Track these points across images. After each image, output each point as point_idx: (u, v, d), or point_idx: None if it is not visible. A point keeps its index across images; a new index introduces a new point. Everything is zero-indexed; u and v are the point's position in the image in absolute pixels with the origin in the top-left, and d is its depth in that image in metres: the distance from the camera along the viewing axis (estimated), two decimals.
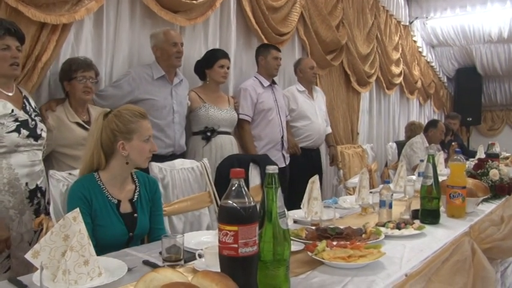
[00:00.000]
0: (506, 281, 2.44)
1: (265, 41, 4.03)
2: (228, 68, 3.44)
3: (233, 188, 1.07)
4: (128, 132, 1.87)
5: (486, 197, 2.48)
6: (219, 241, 1.08)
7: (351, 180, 4.22)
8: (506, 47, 8.13)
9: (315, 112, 4.27)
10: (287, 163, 3.95)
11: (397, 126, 7.26)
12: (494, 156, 3.40)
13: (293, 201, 2.38)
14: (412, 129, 5.98)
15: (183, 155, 3.15)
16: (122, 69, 3.06)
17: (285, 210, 1.17)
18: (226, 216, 1.06)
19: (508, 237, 2.14)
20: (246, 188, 1.07)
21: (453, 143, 6.20)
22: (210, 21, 3.64)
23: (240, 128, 3.66)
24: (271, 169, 1.12)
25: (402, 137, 6.89)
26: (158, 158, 2.68)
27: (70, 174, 2.04)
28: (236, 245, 1.05)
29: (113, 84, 2.96)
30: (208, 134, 3.30)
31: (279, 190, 1.12)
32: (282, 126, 3.86)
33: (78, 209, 1.37)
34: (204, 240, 1.76)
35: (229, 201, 1.06)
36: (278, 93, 3.94)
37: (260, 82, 3.80)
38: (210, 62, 3.37)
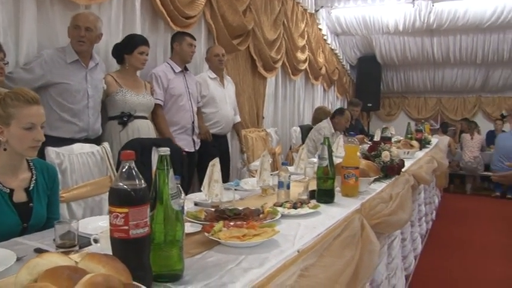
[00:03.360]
0: (392, 252, 2.66)
1: (171, 24, 3.98)
2: (147, 55, 3.41)
3: (123, 170, 1.06)
4: (6, 117, 1.74)
5: (377, 176, 2.66)
6: (110, 224, 1.06)
7: (254, 163, 4.30)
8: (401, 39, 8.74)
9: (224, 99, 4.38)
10: (197, 148, 4.01)
11: (302, 111, 7.49)
12: (387, 139, 3.69)
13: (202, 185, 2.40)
14: (319, 114, 6.25)
15: (97, 140, 3.08)
16: (29, 51, 2.86)
17: (180, 191, 1.18)
18: (117, 198, 1.05)
19: (394, 212, 2.33)
20: (136, 170, 1.06)
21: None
22: (114, 2, 3.49)
23: (153, 113, 3.66)
24: (163, 151, 1.12)
25: (307, 122, 7.15)
26: (72, 142, 2.68)
27: None
28: (127, 227, 1.04)
29: (23, 67, 2.79)
30: (125, 119, 3.27)
31: (171, 172, 1.13)
32: (193, 112, 3.93)
33: None
34: (102, 225, 1.71)
35: (120, 183, 1.05)
36: (190, 80, 3.97)
37: (172, 68, 3.83)
38: (130, 48, 3.34)
